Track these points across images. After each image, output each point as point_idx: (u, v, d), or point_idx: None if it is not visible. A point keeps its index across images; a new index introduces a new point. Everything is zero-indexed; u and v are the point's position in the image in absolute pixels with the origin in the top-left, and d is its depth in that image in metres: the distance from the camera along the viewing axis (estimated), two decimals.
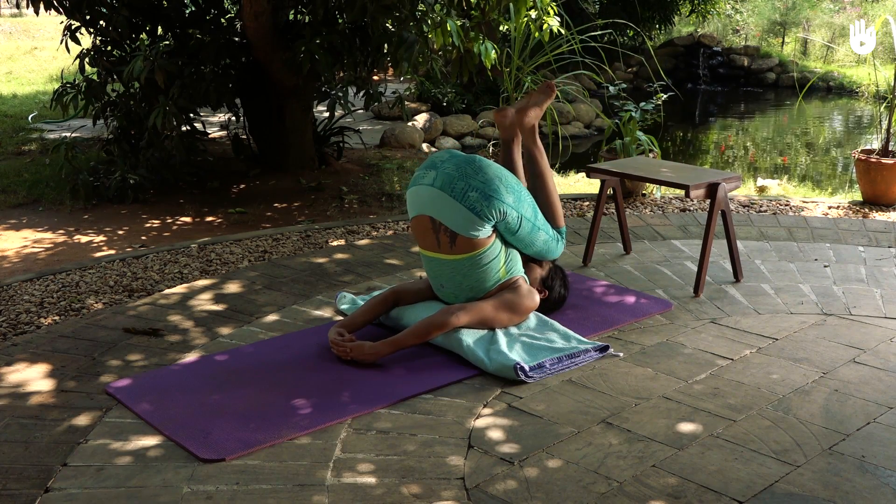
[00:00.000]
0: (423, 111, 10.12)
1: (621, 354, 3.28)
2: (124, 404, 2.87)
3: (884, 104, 6.09)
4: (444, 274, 3.37)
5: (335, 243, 4.83)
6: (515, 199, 3.28)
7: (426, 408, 2.87)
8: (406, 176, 6.90)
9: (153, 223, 5.52)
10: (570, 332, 3.37)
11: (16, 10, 17.31)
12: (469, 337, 3.23)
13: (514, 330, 3.37)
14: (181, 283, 4.14)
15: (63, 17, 6.35)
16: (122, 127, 6.37)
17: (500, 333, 3.29)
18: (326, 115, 6.82)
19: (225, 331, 3.53)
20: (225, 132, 8.17)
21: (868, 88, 13.60)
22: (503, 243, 3.35)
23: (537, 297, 3.41)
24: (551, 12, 5.97)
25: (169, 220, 5.58)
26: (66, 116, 6.65)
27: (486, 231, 3.24)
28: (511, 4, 5.75)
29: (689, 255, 4.51)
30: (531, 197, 3.43)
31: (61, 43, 6.40)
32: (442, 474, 2.46)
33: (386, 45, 6.03)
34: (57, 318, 3.71)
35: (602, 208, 4.36)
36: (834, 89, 15.04)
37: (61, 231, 5.32)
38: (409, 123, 9.20)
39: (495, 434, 2.69)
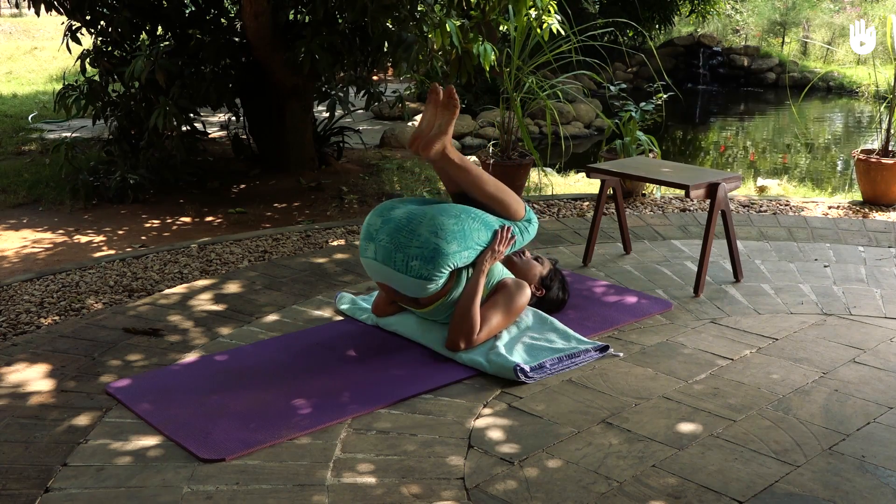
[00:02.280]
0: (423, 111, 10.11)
1: (621, 354, 3.28)
2: (124, 404, 2.87)
3: (884, 104, 6.09)
4: (426, 319, 3.39)
5: (335, 243, 4.83)
6: (460, 241, 3.13)
7: (426, 408, 2.87)
8: (406, 176, 6.90)
9: (153, 223, 5.52)
10: (570, 332, 3.37)
11: (15, 10, 17.31)
12: None
13: (513, 329, 3.37)
14: (181, 283, 4.14)
15: (64, 18, 6.35)
16: (122, 127, 6.37)
17: (499, 336, 3.29)
18: (326, 115, 6.82)
19: (225, 331, 3.53)
20: (225, 132, 8.17)
21: (868, 88, 13.60)
22: (469, 267, 3.27)
23: (528, 290, 3.37)
24: (552, 10, 5.96)
25: (169, 220, 5.57)
26: (66, 117, 6.65)
27: (442, 282, 3.18)
28: (511, 5, 5.75)
29: (689, 255, 4.50)
30: (478, 219, 3.23)
31: (62, 43, 6.40)
32: (442, 474, 2.46)
33: (386, 45, 6.03)
34: (57, 318, 3.71)
35: (602, 208, 4.36)
36: (834, 89, 15.03)
37: (61, 231, 5.32)
38: (410, 123, 9.20)
39: (495, 434, 2.69)
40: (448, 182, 3.44)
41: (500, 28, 6.51)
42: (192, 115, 6.22)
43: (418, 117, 9.76)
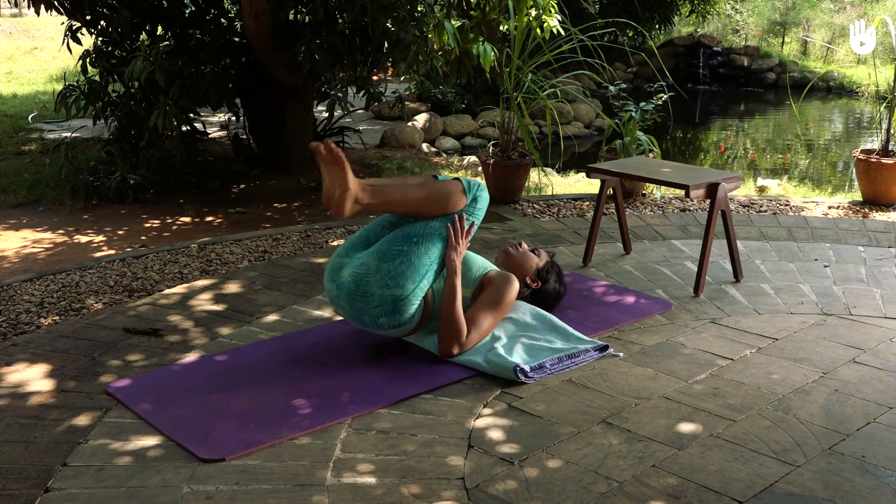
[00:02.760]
0: (423, 111, 10.12)
1: (621, 354, 3.28)
2: (124, 404, 2.87)
3: (884, 104, 6.09)
4: (420, 333, 3.34)
5: (335, 243, 4.83)
6: (412, 275, 3.08)
7: (426, 408, 2.87)
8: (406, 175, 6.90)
9: (153, 223, 5.52)
10: (570, 331, 3.36)
11: (15, 10, 17.32)
12: None
13: (512, 329, 3.36)
14: (181, 283, 4.14)
15: (64, 18, 6.35)
16: (122, 127, 6.37)
17: (497, 337, 3.29)
18: (326, 115, 6.83)
19: (225, 331, 3.53)
20: (225, 132, 8.17)
21: (868, 88, 13.61)
22: (441, 275, 3.22)
23: (516, 283, 3.31)
24: (552, 10, 5.96)
25: (169, 220, 5.58)
26: (66, 117, 6.66)
27: (417, 312, 3.15)
28: (511, 4, 5.75)
29: (689, 255, 4.51)
30: (421, 238, 3.13)
31: (62, 43, 6.40)
32: (442, 474, 2.46)
33: (385, 45, 6.04)
34: (57, 318, 3.71)
35: (602, 208, 4.36)
36: (834, 89, 15.04)
37: (61, 231, 5.32)
38: (409, 123, 9.21)
39: (495, 434, 2.69)
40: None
41: (501, 28, 6.51)
42: (192, 115, 6.22)
43: (418, 117, 9.77)
